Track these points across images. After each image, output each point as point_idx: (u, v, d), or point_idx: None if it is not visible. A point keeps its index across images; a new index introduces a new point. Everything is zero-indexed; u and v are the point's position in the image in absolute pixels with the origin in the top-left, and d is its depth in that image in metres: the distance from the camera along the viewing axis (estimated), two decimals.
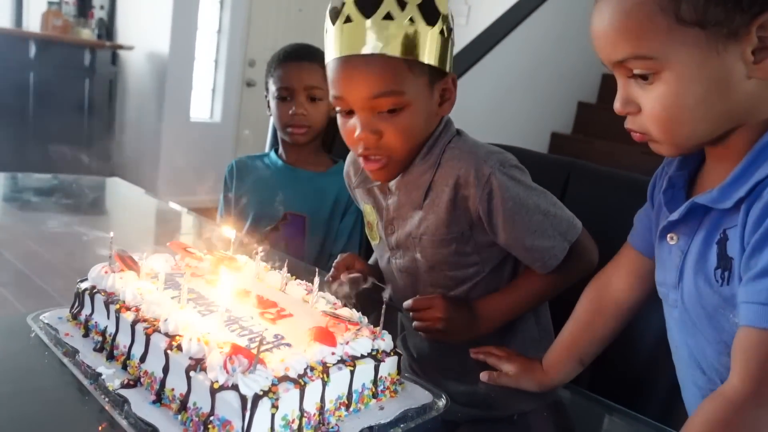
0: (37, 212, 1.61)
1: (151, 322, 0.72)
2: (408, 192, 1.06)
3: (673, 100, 0.63)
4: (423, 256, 1.08)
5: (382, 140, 0.99)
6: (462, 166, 1.00)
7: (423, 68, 0.97)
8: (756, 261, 0.58)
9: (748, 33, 0.59)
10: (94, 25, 4.30)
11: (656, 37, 0.61)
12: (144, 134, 4.44)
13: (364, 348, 0.73)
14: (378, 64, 0.95)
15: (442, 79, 1.01)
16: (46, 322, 0.84)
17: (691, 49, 0.60)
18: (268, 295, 0.85)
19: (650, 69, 0.63)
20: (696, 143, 0.67)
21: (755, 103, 0.63)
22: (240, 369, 0.61)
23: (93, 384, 0.71)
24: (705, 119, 0.64)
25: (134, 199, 1.93)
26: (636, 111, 0.67)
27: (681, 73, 0.62)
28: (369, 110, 0.97)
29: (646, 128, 0.67)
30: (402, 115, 0.98)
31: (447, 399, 0.76)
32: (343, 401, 0.69)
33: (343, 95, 0.98)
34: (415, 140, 1.02)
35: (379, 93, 0.96)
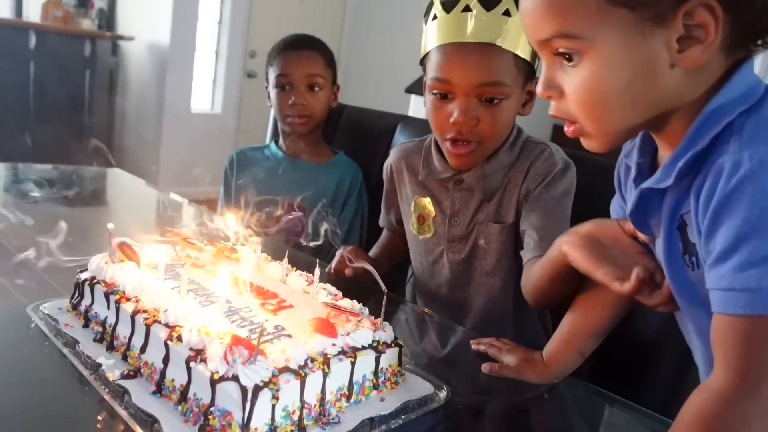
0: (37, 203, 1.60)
1: (152, 312, 0.72)
2: (486, 181, 1.11)
3: (598, 83, 0.60)
4: (487, 243, 1.13)
5: (476, 127, 1.04)
6: (533, 152, 1.09)
7: (524, 66, 1.05)
8: (712, 245, 0.56)
9: (675, 19, 0.57)
10: (95, 15, 4.28)
11: (584, 14, 0.59)
12: (144, 125, 4.43)
13: (365, 339, 0.73)
14: (493, 54, 1.01)
15: (530, 80, 1.08)
16: (46, 313, 0.84)
17: (618, 31, 0.58)
18: (268, 286, 0.85)
19: (575, 49, 0.60)
20: (625, 130, 0.64)
21: (682, 90, 0.61)
22: (240, 360, 0.61)
23: (93, 374, 0.71)
24: (631, 105, 0.61)
25: (135, 190, 1.92)
26: (559, 95, 0.64)
27: (607, 56, 0.59)
28: (473, 96, 1.03)
29: (571, 114, 0.64)
30: (499, 106, 1.04)
31: (448, 390, 0.76)
32: (343, 392, 0.69)
33: (451, 78, 1.03)
34: (504, 132, 1.09)
35: (488, 81, 1.02)
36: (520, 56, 1.03)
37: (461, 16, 1.01)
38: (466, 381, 0.87)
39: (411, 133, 1.59)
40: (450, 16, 1.02)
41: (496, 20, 1.00)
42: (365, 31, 4.95)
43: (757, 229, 0.52)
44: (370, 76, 4.74)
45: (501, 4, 1.00)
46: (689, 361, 1.07)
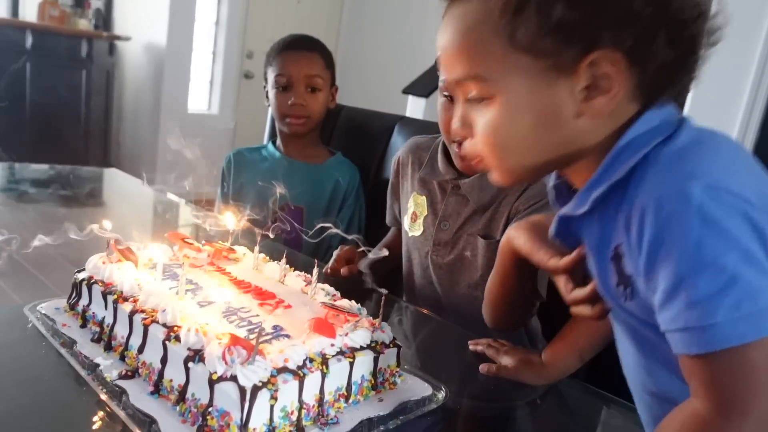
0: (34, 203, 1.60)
1: (149, 312, 0.72)
2: (482, 192, 1.10)
3: (501, 125, 0.61)
4: (473, 255, 1.11)
5: None
6: (542, 181, 1.05)
7: None
8: (653, 284, 0.56)
9: (578, 69, 0.57)
10: (91, 15, 4.27)
11: (493, 60, 0.60)
12: (141, 125, 4.42)
13: (364, 340, 0.73)
14: None
15: None
16: (43, 313, 0.83)
17: (521, 77, 0.59)
18: (266, 287, 0.85)
19: (483, 93, 0.61)
20: (530, 169, 0.65)
21: (589, 134, 0.61)
22: (239, 360, 0.61)
23: (91, 375, 0.70)
24: (535, 148, 0.62)
25: (132, 190, 1.92)
26: (470, 134, 0.65)
27: (511, 100, 0.60)
28: None
29: (478, 152, 0.65)
30: None
31: (446, 391, 0.76)
32: (342, 393, 0.69)
33: None
34: None
35: None
36: None
37: None
38: (465, 382, 0.87)
39: (408, 134, 1.59)
40: None
41: None
42: (362, 31, 4.95)
43: (696, 266, 0.52)
44: (367, 77, 4.74)
45: None
46: None
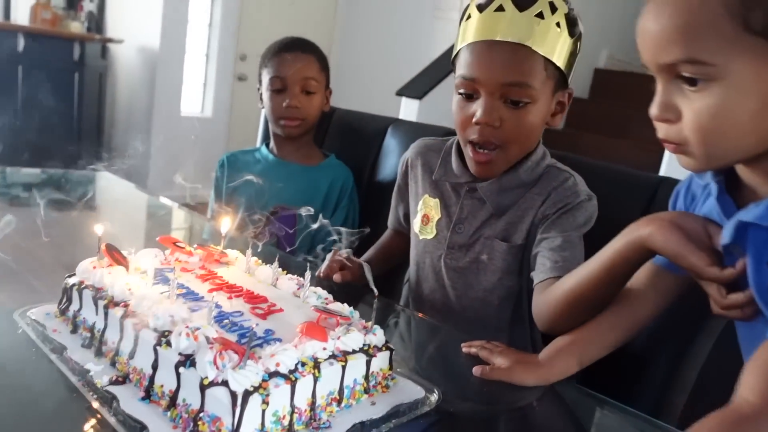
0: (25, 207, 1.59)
1: (141, 317, 0.72)
2: (500, 197, 1.09)
3: (723, 111, 0.59)
4: (490, 259, 1.11)
5: (499, 129, 1.02)
6: (555, 180, 1.08)
7: (554, 72, 1.02)
8: None
9: None
10: (84, 18, 4.26)
11: (719, 42, 0.57)
12: (134, 129, 4.41)
13: (356, 343, 0.72)
14: (522, 53, 0.99)
15: (562, 90, 1.06)
16: (33, 318, 0.83)
17: (751, 61, 0.57)
18: (258, 290, 0.84)
19: (704, 75, 0.59)
20: (732, 159, 0.64)
21: None
22: (230, 365, 0.61)
23: (81, 381, 0.70)
24: (751, 135, 0.60)
25: (124, 194, 1.91)
26: (676, 119, 0.63)
27: (737, 85, 0.58)
28: (498, 96, 1.01)
29: (684, 137, 0.63)
30: (524, 110, 1.02)
31: (439, 394, 0.76)
32: (334, 397, 0.69)
33: (478, 77, 1.01)
34: (528, 139, 1.07)
35: (514, 81, 1.00)
36: (552, 61, 1.01)
37: (494, 16, 1.00)
38: (458, 384, 0.87)
39: (402, 136, 1.59)
40: (483, 16, 1.01)
41: (528, 21, 0.99)
42: (356, 34, 4.95)
43: None
44: (360, 79, 4.74)
45: (535, 5, 0.99)
46: (678, 363, 1.07)
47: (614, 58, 5.04)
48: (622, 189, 1.18)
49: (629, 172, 1.23)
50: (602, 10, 4.87)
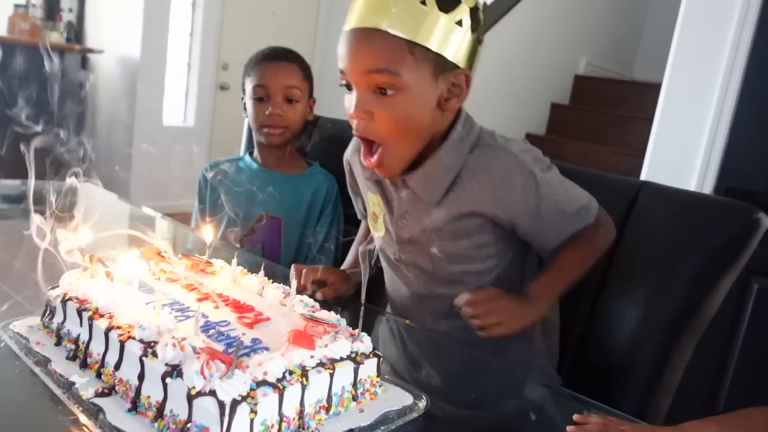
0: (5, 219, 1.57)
1: (126, 328, 0.71)
2: (427, 186, 1.03)
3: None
4: (441, 250, 1.06)
5: (372, 122, 0.96)
6: (497, 166, 1.00)
7: (428, 55, 0.94)
8: None
9: None
10: (63, 28, 4.22)
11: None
12: (116, 139, 4.37)
13: (343, 350, 0.72)
14: (379, 39, 0.93)
15: (451, 71, 0.97)
16: (16, 332, 0.82)
17: None
18: (245, 299, 0.84)
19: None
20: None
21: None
22: (217, 374, 0.60)
23: (66, 393, 0.69)
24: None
25: (107, 204, 1.89)
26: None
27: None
28: (364, 86, 0.96)
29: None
30: (394, 98, 0.95)
31: (428, 400, 0.76)
32: (322, 404, 0.69)
33: (343, 68, 0.98)
34: (408, 130, 0.98)
35: (373, 69, 0.94)
36: (419, 44, 0.92)
37: (355, 3, 0.96)
38: (446, 390, 0.87)
39: None
40: (354, 4, 0.97)
41: (385, 3, 0.92)
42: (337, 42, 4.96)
43: None
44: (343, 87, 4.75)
45: None
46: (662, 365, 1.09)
47: (592, 64, 5.10)
48: (605, 193, 1.20)
49: (611, 177, 1.25)
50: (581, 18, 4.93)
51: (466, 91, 1.00)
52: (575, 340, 1.17)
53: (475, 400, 0.86)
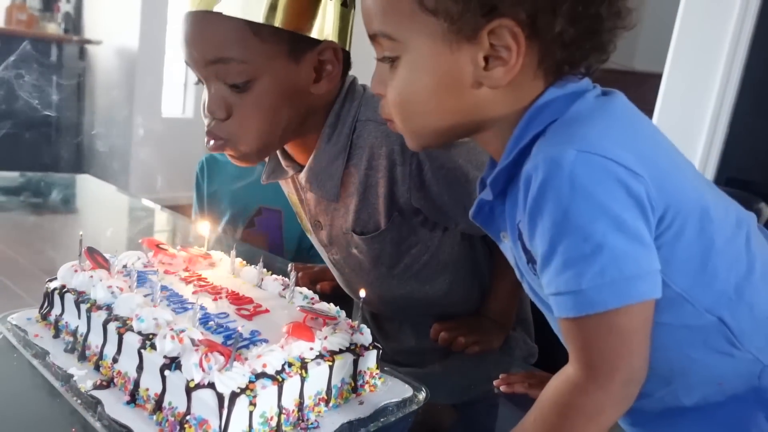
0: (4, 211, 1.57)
1: (124, 321, 0.71)
2: (321, 184, 0.91)
3: (407, 87, 0.62)
4: (360, 252, 0.97)
5: (229, 121, 0.84)
6: (379, 143, 0.87)
7: (279, 34, 0.81)
8: (535, 251, 0.58)
9: (480, 37, 0.57)
10: (60, 19, 4.21)
11: (399, 18, 0.60)
12: (114, 131, 4.36)
13: (343, 343, 0.72)
14: (213, 24, 0.80)
15: (313, 48, 0.84)
16: (14, 324, 0.81)
17: (427, 39, 0.59)
18: (243, 291, 0.84)
19: (392, 50, 0.61)
20: (434, 133, 0.65)
21: (493, 105, 0.60)
22: (216, 367, 0.60)
23: (64, 386, 0.69)
24: (436, 113, 0.62)
25: (105, 197, 1.89)
26: (385, 93, 0.65)
27: (414, 60, 0.60)
28: (214, 80, 0.83)
29: (388, 113, 0.65)
30: (252, 92, 0.82)
31: (427, 392, 0.76)
32: (322, 397, 0.69)
33: (187, 57, 0.85)
34: (269, 122, 0.85)
35: (213, 59, 0.81)
36: (260, 23, 0.79)
37: None
38: (446, 382, 0.87)
39: None
40: None
41: None
42: None
43: (564, 231, 0.53)
44: None
45: None
46: None
47: None
48: None
49: None
50: None
51: (339, 66, 0.87)
52: None
53: (475, 391, 0.86)
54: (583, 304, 0.54)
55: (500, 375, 0.85)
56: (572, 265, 0.53)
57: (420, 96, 0.62)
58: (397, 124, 0.65)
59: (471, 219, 0.67)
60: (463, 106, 0.61)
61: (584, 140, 0.54)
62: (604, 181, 0.52)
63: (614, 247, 0.52)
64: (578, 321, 0.55)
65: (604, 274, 0.52)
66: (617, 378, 0.55)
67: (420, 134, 0.65)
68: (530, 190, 0.55)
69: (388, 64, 0.63)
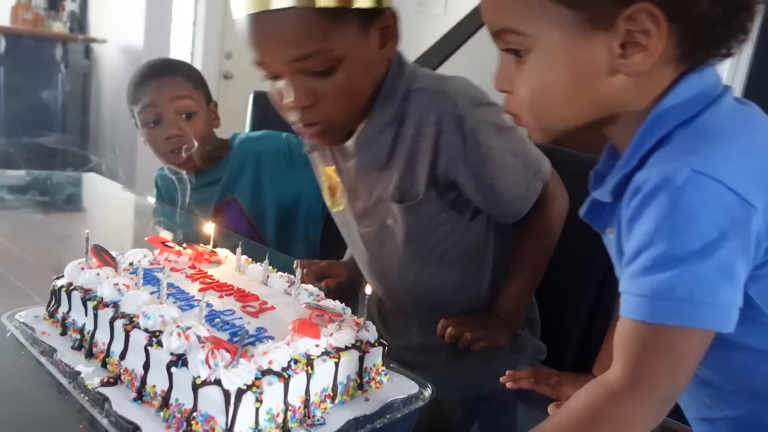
0: (11, 209, 1.57)
1: (130, 318, 0.71)
2: (370, 151, 0.94)
3: (538, 81, 0.60)
4: (395, 222, 0.98)
5: (318, 106, 0.88)
6: (432, 111, 0.90)
7: (351, 14, 0.84)
8: (629, 248, 0.57)
9: (616, 24, 0.55)
10: (66, 18, 4.21)
11: (528, 12, 0.58)
12: (120, 129, 4.37)
13: (349, 339, 0.72)
14: (293, 20, 0.82)
15: (378, 18, 0.88)
16: (22, 321, 0.82)
17: (558, 30, 0.57)
18: (249, 288, 0.84)
19: (521, 45, 0.60)
20: (564, 129, 0.64)
21: (626, 95, 0.59)
22: (222, 363, 0.60)
23: (72, 383, 0.69)
24: (570, 106, 0.61)
25: (111, 195, 1.90)
26: (512, 89, 0.64)
27: (546, 53, 0.59)
28: (297, 73, 0.86)
29: (516, 109, 0.64)
30: (338, 75, 0.86)
31: (433, 389, 0.76)
32: (328, 393, 0.69)
33: (264, 59, 0.87)
34: (357, 97, 0.90)
35: (301, 55, 0.84)
36: (333, 8, 0.82)
37: None
38: (452, 379, 0.87)
39: None
40: None
41: None
42: None
43: (656, 239, 0.53)
44: None
45: None
46: None
47: None
48: None
49: None
50: None
51: (398, 29, 0.92)
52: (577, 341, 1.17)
53: (480, 388, 0.86)
54: (651, 311, 0.54)
55: (507, 371, 0.85)
56: (654, 272, 0.53)
57: (554, 89, 0.60)
58: (525, 119, 0.64)
59: (581, 216, 0.67)
60: (597, 97, 0.60)
61: (704, 161, 0.53)
62: (710, 208, 0.52)
63: (699, 271, 0.52)
64: (640, 326, 0.55)
65: (681, 292, 0.52)
66: (655, 395, 0.55)
67: (551, 128, 0.64)
68: (635, 198, 0.55)
69: (513, 60, 0.62)
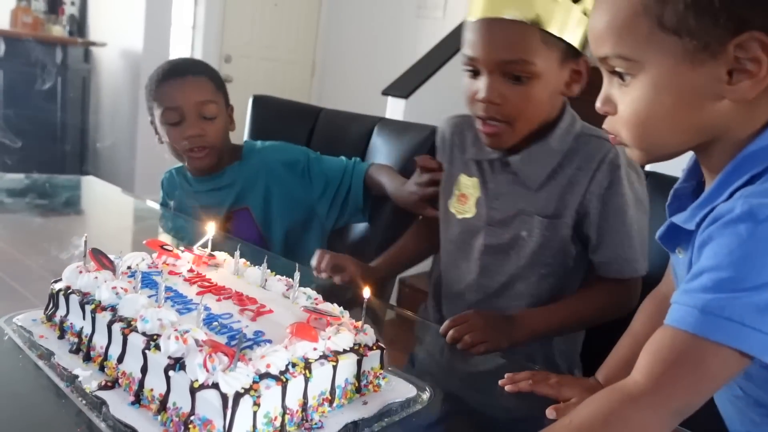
0: (9, 213, 1.57)
1: (128, 321, 0.71)
2: (531, 168, 1.07)
3: (643, 105, 0.62)
4: (530, 234, 1.09)
5: (503, 106, 1.01)
6: (597, 154, 1.04)
7: (558, 44, 1.00)
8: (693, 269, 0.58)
9: (725, 51, 0.57)
10: (65, 21, 4.22)
11: (635, 38, 0.61)
12: (119, 132, 4.37)
13: (347, 343, 0.72)
14: (516, 30, 0.98)
15: (574, 59, 1.03)
16: (19, 325, 0.82)
17: (666, 57, 0.60)
18: (247, 292, 0.84)
19: (628, 70, 0.63)
20: (665, 153, 0.67)
21: (730, 122, 0.61)
22: (220, 367, 0.60)
23: (69, 386, 0.69)
24: (673, 130, 0.63)
25: (110, 198, 1.90)
26: (613, 111, 0.66)
27: (654, 80, 0.61)
28: (498, 74, 1.00)
29: (618, 130, 0.67)
30: (528, 85, 1.01)
31: (431, 392, 0.76)
32: (326, 397, 0.69)
33: (477, 56, 1.01)
34: (535, 113, 1.05)
35: (510, 59, 0.99)
36: (552, 33, 0.98)
37: None
38: (449, 382, 0.87)
39: (388, 135, 1.59)
40: None
41: None
42: (340, 34, 4.94)
43: (721, 265, 0.55)
44: (345, 79, 4.73)
45: None
46: None
47: None
48: None
49: None
50: None
51: (586, 77, 1.05)
52: None
53: (478, 391, 0.85)
54: (697, 323, 0.55)
55: (505, 375, 0.85)
56: (712, 292, 0.55)
57: (658, 114, 0.62)
58: (626, 140, 0.66)
59: (657, 238, 0.69)
60: (701, 122, 0.62)
61: None
62: None
63: (756, 301, 0.53)
64: (681, 335, 0.56)
65: (732, 313, 0.53)
66: (672, 405, 0.56)
67: (653, 151, 0.67)
68: (713, 225, 0.57)
69: (617, 83, 0.64)
